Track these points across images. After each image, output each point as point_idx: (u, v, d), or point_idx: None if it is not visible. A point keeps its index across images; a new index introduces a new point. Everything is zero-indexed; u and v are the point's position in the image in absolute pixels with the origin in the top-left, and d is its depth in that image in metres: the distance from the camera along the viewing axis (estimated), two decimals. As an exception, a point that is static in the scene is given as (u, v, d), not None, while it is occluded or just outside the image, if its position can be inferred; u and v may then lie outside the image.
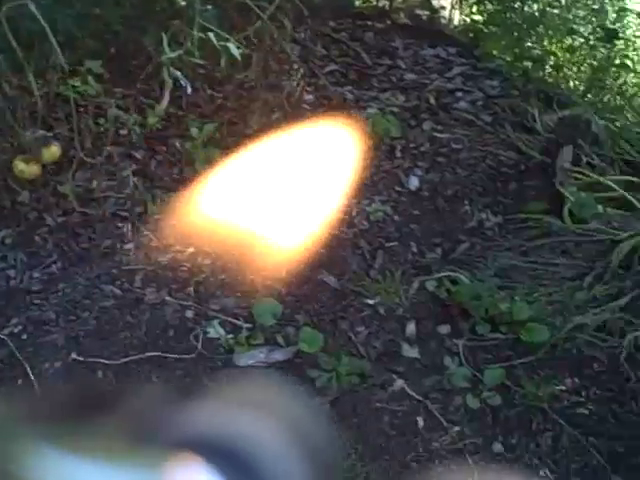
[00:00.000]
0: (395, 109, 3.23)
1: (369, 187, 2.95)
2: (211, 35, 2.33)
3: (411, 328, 2.57)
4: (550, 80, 3.50)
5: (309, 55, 3.33)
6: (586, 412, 2.40)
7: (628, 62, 3.49)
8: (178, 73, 2.93)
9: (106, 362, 2.41)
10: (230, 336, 2.50)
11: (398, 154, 3.07)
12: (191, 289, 2.62)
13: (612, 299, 2.64)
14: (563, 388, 2.44)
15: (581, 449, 2.32)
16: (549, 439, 2.32)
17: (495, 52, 3.59)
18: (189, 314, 2.57)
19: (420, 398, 2.38)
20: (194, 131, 2.81)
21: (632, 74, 3.60)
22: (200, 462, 0.40)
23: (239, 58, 2.48)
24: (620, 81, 3.50)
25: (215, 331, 2.52)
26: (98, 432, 0.42)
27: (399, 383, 2.41)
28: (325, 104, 3.22)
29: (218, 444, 0.41)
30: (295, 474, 0.42)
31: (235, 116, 3.06)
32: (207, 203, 2.85)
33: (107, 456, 0.41)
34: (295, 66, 3.18)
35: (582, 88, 3.51)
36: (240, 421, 0.42)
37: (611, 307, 2.62)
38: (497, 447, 2.29)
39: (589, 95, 3.43)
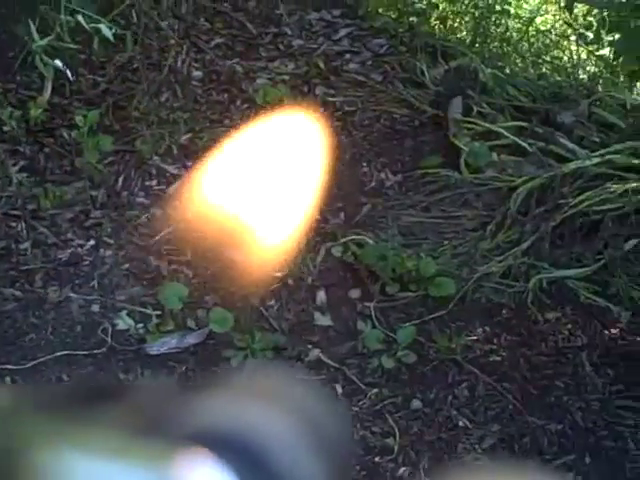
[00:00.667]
0: (286, 77, 3.19)
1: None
2: (80, 18, 2.24)
3: (321, 296, 2.57)
4: (436, 33, 3.51)
5: (192, 30, 3.25)
6: (499, 359, 2.46)
7: (509, 8, 3.53)
8: (57, 61, 2.82)
9: (13, 367, 2.34)
10: (140, 325, 2.46)
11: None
12: (95, 283, 2.56)
13: (514, 245, 2.70)
14: (475, 338, 2.49)
15: (497, 396, 2.37)
16: (465, 390, 2.37)
17: (380, 10, 3.58)
18: (95, 308, 2.51)
19: (337, 365, 2.39)
20: (79, 119, 2.72)
21: (514, 20, 3.65)
22: (209, 455, 0.38)
23: (112, 39, 2.39)
24: (503, 28, 3.55)
25: (124, 322, 2.47)
26: (99, 425, 0.40)
27: (315, 353, 2.42)
28: (215, 79, 3.16)
29: (227, 437, 0.39)
30: (308, 467, 0.40)
31: (121, 99, 2.97)
32: (102, 194, 2.77)
33: (111, 450, 0.38)
34: (178, 42, 3.10)
35: (468, 38, 3.54)
36: (250, 413, 0.40)
37: (514, 253, 2.68)
38: (416, 404, 2.33)
39: (475, 45, 3.46)
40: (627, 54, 3.09)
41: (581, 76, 3.59)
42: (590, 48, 3.53)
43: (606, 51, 3.42)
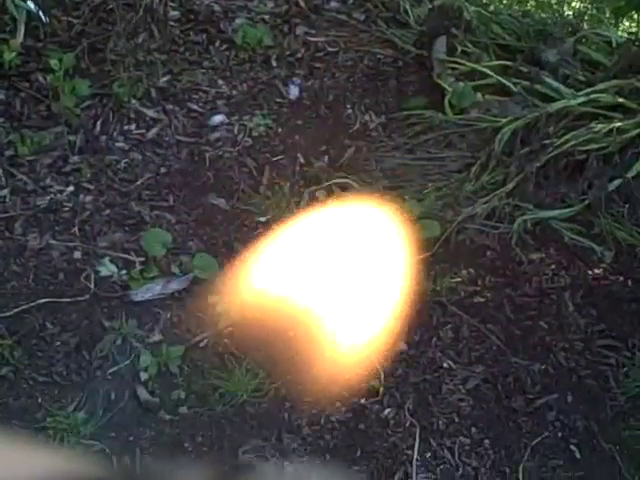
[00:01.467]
0: (265, 16, 3.13)
1: (248, 101, 2.89)
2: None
3: (306, 240, 2.57)
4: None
5: (168, -32, 3.17)
6: (483, 300, 2.48)
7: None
8: (29, 2, 2.76)
9: (-4, 316, 2.33)
10: (123, 272, 2.45)
11: (274, 63, 3.00)
12: (76, 229, 2.54)
13: (499, 186, 2.70)
14: (459, 280, 2.50)
15: (481, 337, 2.40)
16: (450, 331, 2.39)
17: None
18: (77, 255, 2.49)
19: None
20: (54, 63, 2.66)
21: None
22: None
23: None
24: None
25: (107, 269, 2.46)
26: None
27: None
28: (192, 19, 3.10)
29: None
30: None
31: (97, 42, 2.91)
32: (81, 139, 2.73)
33: None
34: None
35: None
36: None
37: (498, 194, 2.67)
38: (401, 346, 2.35)
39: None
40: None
41: (566, 13, 3.56)
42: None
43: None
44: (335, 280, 2.39)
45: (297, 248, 2.55)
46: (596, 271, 2.58)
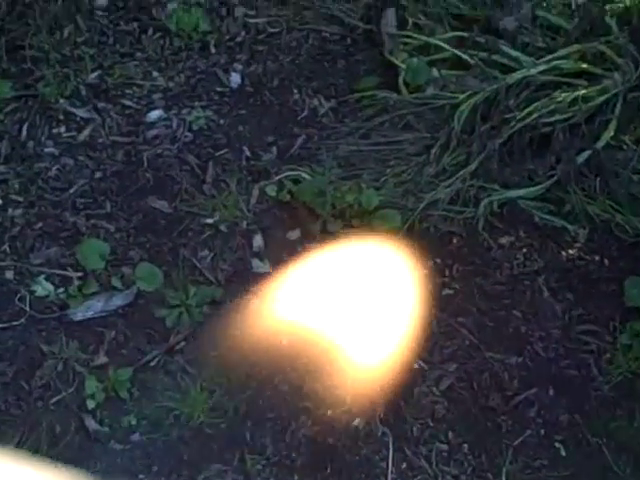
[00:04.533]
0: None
1: (187, 93, 2.75)
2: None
3: (258, 241, 2.45)
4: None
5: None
6: (451, 292, 2.38)
7: None
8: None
9: None
10: (60, 290, 2.32)
11: (213, 50, 2.86)
12: (6, 246, 2.40)
13: (461, 167, 2.60)
14: (425, 271, 2.40)
15: (451, 331, 2.30)
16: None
17: None
18: (9, 275, 2.35)
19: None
20: (-31, 65, 2.51)
21: None
22: None
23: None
24: None
25: (43, 288, 2.32)
26: None
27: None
28: (121, 7, 2.94)
29: None
30: None
31: (17, 38, 2.75)
32: (6, 146, 2.58)
33: None
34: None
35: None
36: None
37: (461, 176, 2.58)
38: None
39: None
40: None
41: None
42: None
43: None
44: (292, 280, 2.28)
45: (250, 250, 2.44)
46: (570, 252, 2.49)
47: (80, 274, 2.34)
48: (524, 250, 2.49)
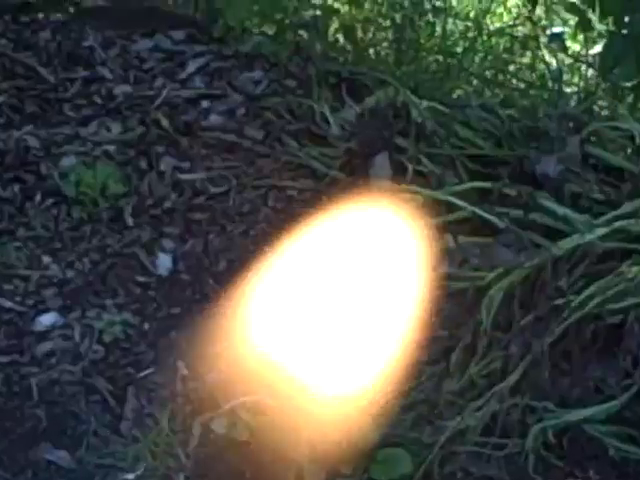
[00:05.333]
0: (109, 147, 3.15)
1: (93, 286, 2.83)
2: None
3: None
4: (340, 54, 3.50)
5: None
6: None
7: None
8: None
9: None
10: None
11: (129, 221, 2.97)
12: None
13: (496, 379, 2.64)
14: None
15: None
16: None
17: (247, 23, 3.54)
18: None
19: None
20: None
21: (454, 20, 3.67)
22: None
23: None
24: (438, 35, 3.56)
25: None
26: None
27: None
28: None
29: None
30: None
31: None
32: None
33: None
34: None
35: (389, 56, 3.54)
36: None
37: (498, 392, 2.61)
38: None
39: (401, 66, 3.45)
40: (627, 58, 3.11)
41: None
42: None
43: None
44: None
45: None
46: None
47: None
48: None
